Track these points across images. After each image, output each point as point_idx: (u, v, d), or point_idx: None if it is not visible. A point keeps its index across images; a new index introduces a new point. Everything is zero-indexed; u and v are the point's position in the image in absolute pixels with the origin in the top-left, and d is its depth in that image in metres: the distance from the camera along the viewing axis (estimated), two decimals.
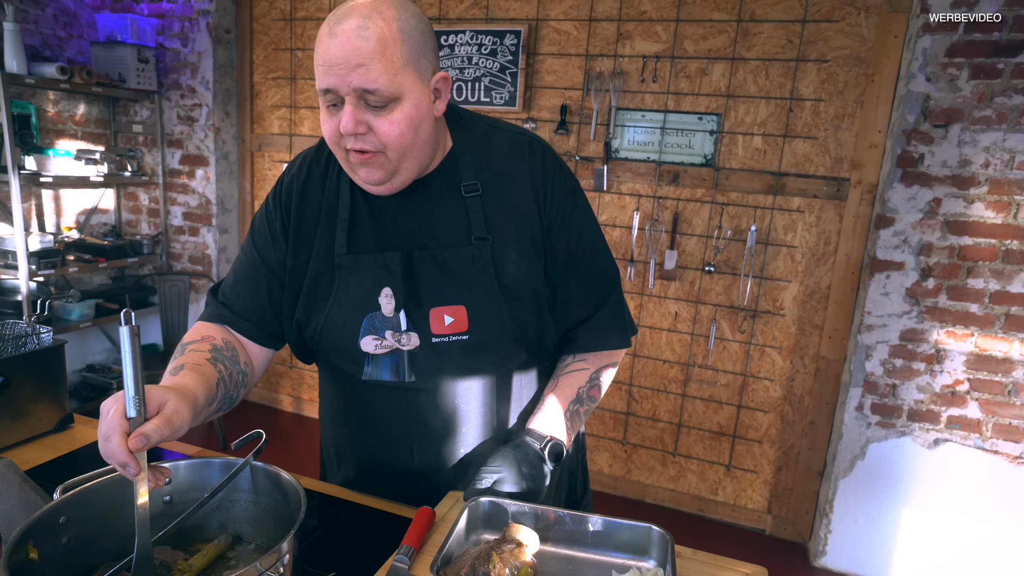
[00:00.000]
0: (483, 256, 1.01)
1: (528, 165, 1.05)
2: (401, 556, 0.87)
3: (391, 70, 0.87)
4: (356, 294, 1.02)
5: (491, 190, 1.03)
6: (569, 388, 1.09)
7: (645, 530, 0.92)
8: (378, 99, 0.88)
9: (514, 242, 1.03)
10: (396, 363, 1.03)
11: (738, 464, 2.97)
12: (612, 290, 1.12)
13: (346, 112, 0.88)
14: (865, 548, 2.64)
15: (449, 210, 1.03)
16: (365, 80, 0.86)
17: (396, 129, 0.90)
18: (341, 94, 0.88)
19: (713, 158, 2.78)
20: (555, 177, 1.06)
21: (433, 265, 1.01)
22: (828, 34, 2.54)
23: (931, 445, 2.49)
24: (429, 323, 1.01)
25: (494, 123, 1.10)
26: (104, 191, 3.73)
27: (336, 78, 0.87)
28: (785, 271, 2.76)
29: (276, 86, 3.52)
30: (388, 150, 0.92)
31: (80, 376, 3.67)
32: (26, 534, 0.70)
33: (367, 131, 0.90)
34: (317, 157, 1.09)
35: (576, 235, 1.08)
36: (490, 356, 1.05)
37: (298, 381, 3.83)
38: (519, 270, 1.03)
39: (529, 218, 1.04)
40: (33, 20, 3.28)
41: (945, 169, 2.34)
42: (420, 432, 1.07)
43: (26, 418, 1.22)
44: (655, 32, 2.78)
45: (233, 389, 1.00)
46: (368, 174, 0.95)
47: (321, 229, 1.04)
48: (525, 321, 1.04)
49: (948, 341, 2.42)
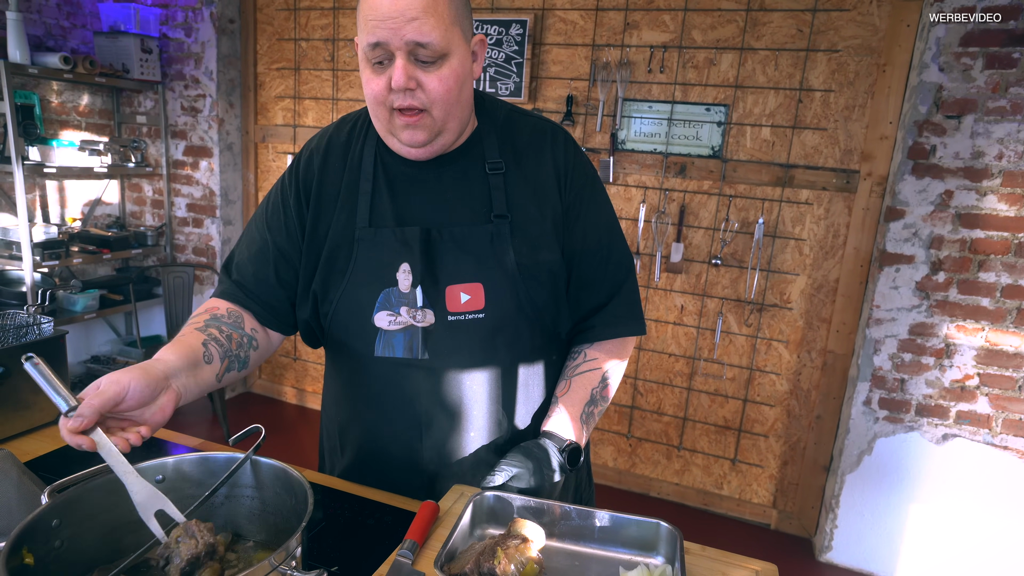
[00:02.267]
0: (502, 234, 1.01)
1: (551, 149, 1.06)
2: (405, 551, 0.85)
3: (442, 24, 0.88)
4: (374, 268, 1.01)
5: (514, 169, 1.04)
6: (583, 390, 1.08)
7: (653, 526, 0.90)
8: (429, 53, 0.89)
9: (534, 222, 1.03)
10: (410, 340, 1.02)
11: (744, 458, 2.95)
12: (627, 278, 1.12)
13: (398, 67, 0.89)
14: (871, 543, 2.62)
15: (471, 187, 1.03)
16: (419, 33, 0.87)
17: (445, 85, 0.91)
18: (392, 48, 0.88)
19: (721, 150, 2.75)
20: (576, 163, 1.07)
21: (452, 242, 1.01)
22: (839, 23, 2.50)
23: (939, 440, 2.47)
24: (445, 300, 1.01)
25: (516, 109, 1.11)
26: (108, 182, 3.72)
27: (389, 31, 0.87)
28: (793, 264, 2.73)
29: (280, 77, 3.50)
30: (434, 107, 0.93)
31: (85, 367, 3.68)
32: (20, 539, 0.69)
33: (416, 87, 0.91)
34: (338, 131, 1.09)
35: (594, 221, 1.08)
36: (504, 337, 1.04)
37: (302, 373, 3.83)
38: (538, 250, 1.03)
39: (550, 200, 1.04)
40: (36, 10, 3.26)
41: (957, 161, 2.31)
42: (429, 411, 1.05)
43: (26, 409, 1.21)
44: (663, 22, 2.74)
45: (237, 349, 1.00)
46: (412, 135, 0.95)
47: (341, 202, 1.04)
48: (541, 303, 1.04)
49: (958, 335, 2.40)
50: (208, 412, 3.66)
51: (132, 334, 3.90)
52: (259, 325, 1.07)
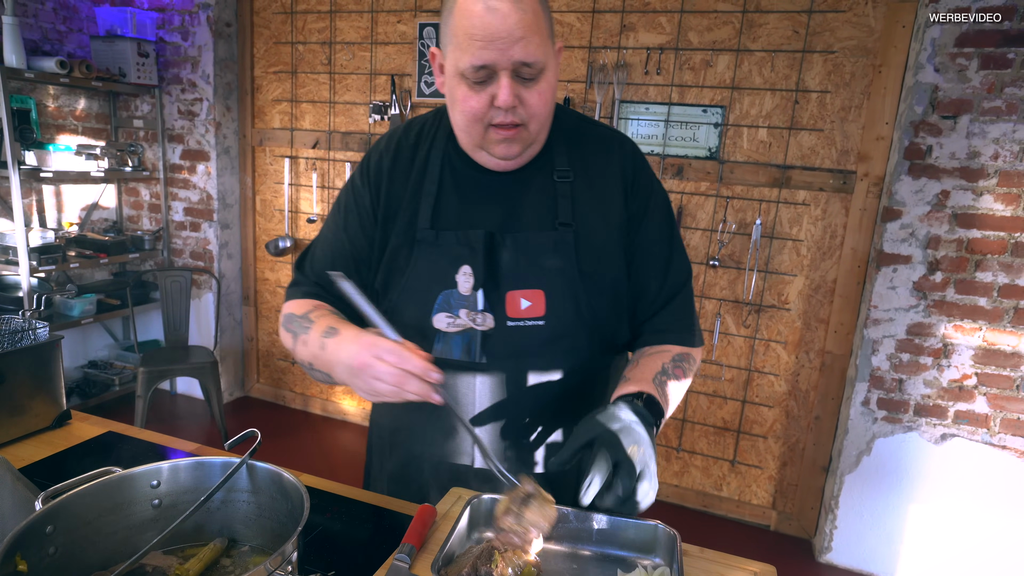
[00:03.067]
0: (566, 242, 1.01)
1: (619, 158, 1.06)
2: (402, 555, 0.85)
3: (544, 41, 0.90)
4: (434, 270, 1.02)
5: (581, 177, 1.04)
6: (653, 362, 1.03)
7: (651, 528, 0.90)
8: (532, 71, 0.90)
9: (599, 232, 1.03)
10: (468, 343, 1.02)
11: (743, 459, 2.95)
12: (681, 288, 1.09)
13: (504, 86, 0.89)
14: (871, 544, 2.62)
15: (538, 193, 1.03)
16: (526, 53, 0.88)
17: (543, 99, 0.93)
18: (498, 69, 0.89)
19: (718, 151, 2.75)
20: (643, 172, 1.08)
21: (515, 247, 1.01)
22: (835, 24, 2.51)
23: (938, 440, 2.47)
24: (505, 305, 1.00)
25: (584, 118, 1.11)
26: (105, 186, 3.72)
27: (497, 52, 0.87)
28: (790, 265, 2.73)
29: (277, 80, 3.50)
30: (532, 121, 0.94)
31: (82, 372, 3.67)
32: (13, 545, 0.68)
33: (518, 104, 0.92)
34: (407, 134, 1.10)
35: (655, 230, 1.07)
36: (563, 345, 1.03)
37: (301, 377, 3.82)
38: (601, 260, 1.03)
39: (615, 208, 1.04)
40: (32, 14, 3.26)
41: (954, 161, 2.31)
42: (482, 415, 1.05)
43: (22, 415, 1.20)
44: (659, 24, 2.74)
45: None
46: (507, 149, 0.97)
47: (406, 202, 1.05)
48: (601, 314, 1.04)
49: (956, 335, 2.40)
50: (206, 416, 3.65)
51: (130, 339, 3.89)
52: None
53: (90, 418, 1.33)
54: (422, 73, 3.12)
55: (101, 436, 1.25)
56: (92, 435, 1.25)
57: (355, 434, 3.60)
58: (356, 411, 3.70)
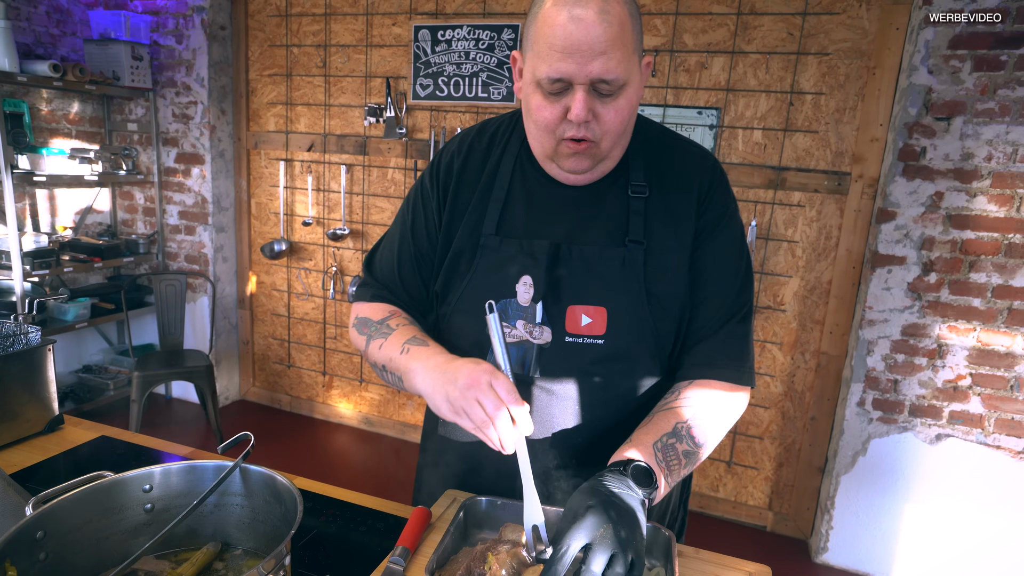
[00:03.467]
0: (635, 260, 0.97)
1: (698, 176, 1.01)
2: (396, 558, 0.85)
3: (627, 56, 0.86)
4: (495, 277, 0.99)
5: (657, 194, 1.00)
6: (664, 422, 0.94)
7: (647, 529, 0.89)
8: (611, 87, 0.86)
9: (670, 254, 0.98)
10: (523, 355, 0.99)
11: (739, 460, 2.95)
12: (730, 318, 1.00)
13: (579, 100, 0.86)
14: (867, 544, 2.62)
15: (610, 208, 0.99)
16: (605, 70, 0.84)
17: (620, 117, 0.89)
18: (575, 82, 0.86)
19: (713, 152, 2.75)
20: (717, 190, 1.02)
21: (580, 261, 0.97)
22: (829, 27, 2.51)
23: (933, 440, 2.47)
24: (565, 320, 0.97)
25: (668, 131, 1.07)
26: (99, 190, 3.71)
27: (575, 66, 0.84)
28: (786, 266, 2.73)
29: (272, 83, 3.49)
30: (605, 138, 0.91)
31: (77, 377, 3.65)
32: (3, 552, 0.68)
33: (592, 119, 0.89)
34: (479, 137, 1.08)
35: (718, 253, 1.01)
36: (622, 367, 0.99)
37: (296, 380, 3.81)
38: (670, 281, 0.98)
39: (686, 227, 0.99)
40: (25, 17, 3.25)
41: (947, 163, 2.32)
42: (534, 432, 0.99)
43: (13, 420, 1.20)
44: (654, 26, 2.75)
45: None
46: (577, 163, 0.94)
47: (473, 206, 1.03)
48: (666, 337, 0.99)
49: (950, 336, 2.40)
50: (201, 420, 3.63)
51: (124, 343, 3.87)
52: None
53: (83, 423, 1.32)
54: (417, 75, 3.12)
55: (94, 441, 1.24)
56: (85, 440, 1.25)
57: (351, 437, 3.59)
58: (352, 414, 3.69)
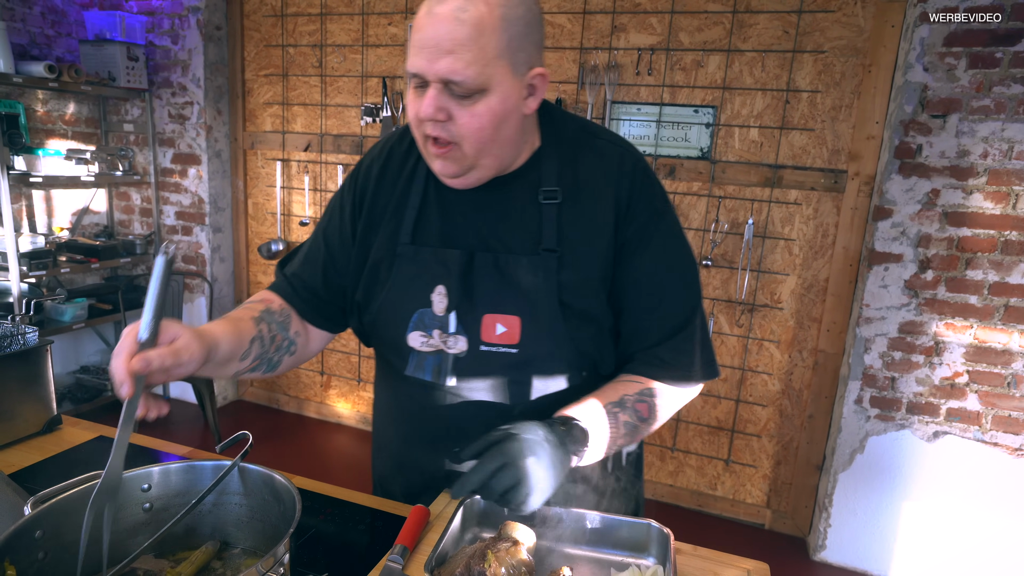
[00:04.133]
0: (548, 268, 0.95)
1: (616, 178, 0.97)
2: (395, 556, 0.85)
3: (481, 60, 0.83)
4: (410, 287, 0.99)
5: (571, 200, 0.97)
6: (613, 392, 0.97)
7: (644, 527, 0.90)
8: (462, 89, 0.84)
9: (584, 261, 0.96)
10: (439, 364, 0.99)
11: (737, 459, 2.95)
12: (685, 325, 0.99)
13: (428, 96, 0.85)
14: (865, 542, 2.63)
15: (522, 214, 0.97)
16: (451, 70, 0.83)
17: (476, 123, 0.86)
18: (428, 79, 0.85)
19: (709, 151, 2.76)
20: (641, 195, 0.98)
21: (494, 269, 0.96)
22: (824, 24, 2.52)
23: (930, 438, 2.48)
24: (480, 329, 0.97)
25: (587, 127, 1.03)
26: (96, 191, 3.70)
27: (424, 62, 0.84)
28: (783, 264, 2.74)
29: (268, 83, 3.49)
30: (464, 143, 0.88)
31: (74, 378, 3.64)
32: (2, 551, 0.68)
33: (447, 119, 0.86)
34: (400, 141, 1.07)
35: (652, 261, 0.98)
36: (537, 373, 0.99)
37: (294, 380, 3.80)
38: (585, 291, 0.96)
39: (604, 236, 0.96)
40: (20, 18, 3.24)
41: (943, 160, 2.33)
42: (453, 437, 1.02)
43: (11, 420, 1.19)
44: (650, 24, 2.75)
45: (274, 352, 1.00)
46: (442, 167, 0.92)
47: (390, 214, 1.02)
48: (581, 345, 0.98)
49: (947, 333, 2.41)
50: (199, 420, 3.63)
51: None
52: (302, 324, 1.08)
53: (81, 423, 1.32)
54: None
55: (92, 441, 1.24)
56: (83, 440, 1.24)
57: (349, 437, 3.59)
58: (351, 414, 3.69)
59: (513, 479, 0.80)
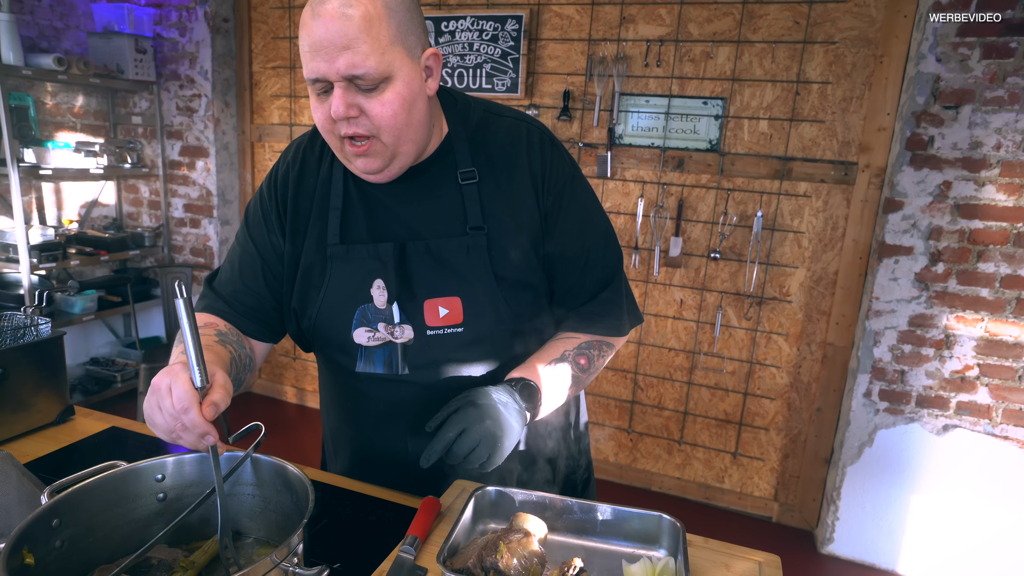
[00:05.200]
0: (478, 246, 0.98)
1: (527, 152, 1.02)
2: (407, 547, 0.85)
3: (378, 49, 0.84)
4: (348, 286, 1.00)
5: (488, 178, 1.00)
6: (553, 350, 1.05)
7: (655, 519, 0.90)
8: (367, 82, 0.85)
9: (511, 232, 1.00)
10: (389, 356, 1.01)
11: (744, 452, 2.95)
12: (611, 279, 1.08)
13: (336, 96, 0.86)
14: (873, 535, 2.62)
15: (445, 198, 1.00)
16: (352, 64, 0.83)
17: (389, 110, 0.87)
18: (331, 79, 0.85)
19: (718, 143, 2.74)
20: (553, 164, 1.03)
21: (427, 256, 0.99)
22: (835, 15, 2.49)
23: (940, 431, 2.47)
24: (423, 315, 0.99)
25: (491, 108, 1.06)
26: (104, 183, 3.71)
27: (324, 63, 0.84)
28: (792, 257, 2.73)
29: (275, 75, 3.49)
30: (382, 133, 0.89)
31: (84, 369, 3.67)
32: (20, 539, 0.68)
33: (359, 114, 0.87)
34: (311, 144, 1.07)
35: (576, 224, 1.04)
36: (485, 348, 1.03)
37: (301, 372, 3.82)
38: (516, 261, 1.00)
39: (527, 207, 1.01)
40: (29, 11, 3.25)
41: (955, 151, 2.30)
42: (414, 425, 1.04)
43: (26, 410, 1.20)
44: (659, 15, 2.73)
45: (242, 371, 1.00)
46: (366, 164, 0.92)
47: (314, 218, 1.03)
48: (522, 313, 1.02)
49: (958, 326, 2.39)
50: None
51: (131, 335, 3.89)
52: (251, 345, 1.06)
53: (93, 413, 1.33)
54: None
55: (105, 431, 1.25)
56: (96, 430, 1.25)
57: None
58: None
59: (473, 442, 0.88)
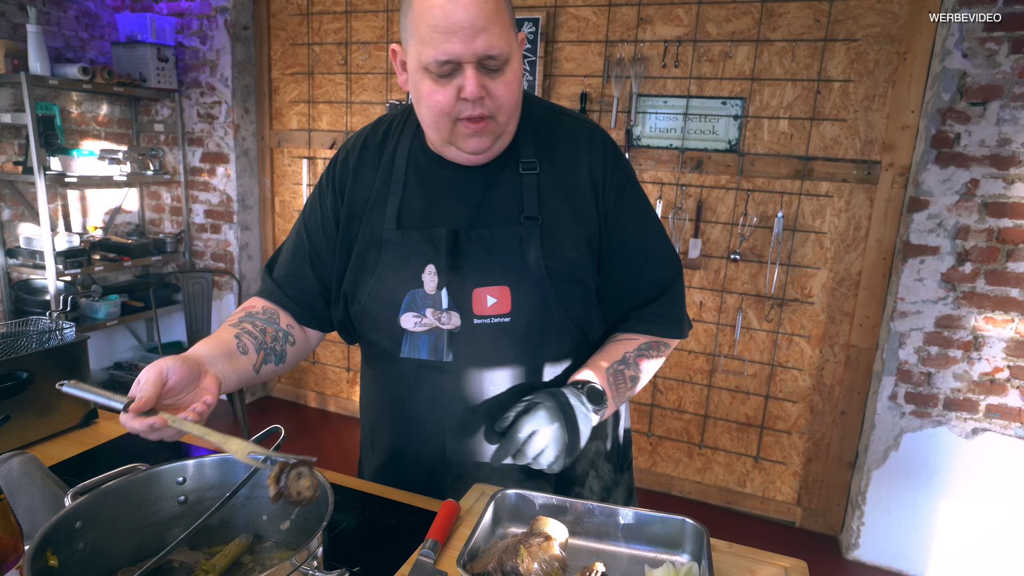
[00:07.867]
0: (532, 236, 0.99)
1: (587, 152, 1.03)
2: (426, 550, 0.84)
3: (507, 31, 0.89)
4: (400, 270, 1.01)
5: (548, 171, 1.02)
6: (615, 351, 1.06)
7: (678, 523, 0.88)
8: (498, 62, 0.89)
9: (566, 226, 1.01)
10: (435, 342, 1.01)
11: (766, 455, 2.91)
12: (673, 282, 1.10)
13: (470, 78, 0.88)
14: (900, 540, 2.57)
15: (504, 188, 1.01)
16: (489, 46, 0.86)
17: (510, 90, 0.92)
18: (463, 61, 0.87)
19: (737, 143, 2.71)
20: (614, 166, 1.05)
21: (480, 244, 0.99)
22: (857, 12, 2.46)
23: (969, 435, 2.41)
24: (471, 303, 0.99)
25: (555, 107, 1.09)
26: (127, 190, 3.77)
27: (461, 45, 0.85)
28: (813, 258, 2.68)
29: (294, 82, 3.52)
30: (500, 112, 0.92)
31: (108, 373, 3.72)
32: (44, 541, 0.69)
33: (485, 95, 0.90)
34: (374, 133, 1.10)
35: (636, 224, 1.06)
36: (531, 340, 1.02)
37: (321, 377, 3.84)
38: (568, 254, 1.01)
39: (584, 205, 1.02)
40: (56, 22, 3.31)
41: (983, 149, 2.25)
42: (455, 413, 1.04)
43: (50, 414, 1.22)
44: (676, 15, 2.71)
45: (273, 343, 1.03)
46: (479, 143, 0.95)
47: (372, 203, 1.05)
48: (570, 307, 1.02)
49: (987, 327, 2.34)
50: (228, 416, 3.69)
51: (153, 340, 3.94)
52: (295, 323, 1.10)
53: (116, 417, 1.34)
54: None
55: (127, 435, 1.26)
56: (119, 434, 1.27)
57: None
58: None
59: (543, 444, 0.91)
